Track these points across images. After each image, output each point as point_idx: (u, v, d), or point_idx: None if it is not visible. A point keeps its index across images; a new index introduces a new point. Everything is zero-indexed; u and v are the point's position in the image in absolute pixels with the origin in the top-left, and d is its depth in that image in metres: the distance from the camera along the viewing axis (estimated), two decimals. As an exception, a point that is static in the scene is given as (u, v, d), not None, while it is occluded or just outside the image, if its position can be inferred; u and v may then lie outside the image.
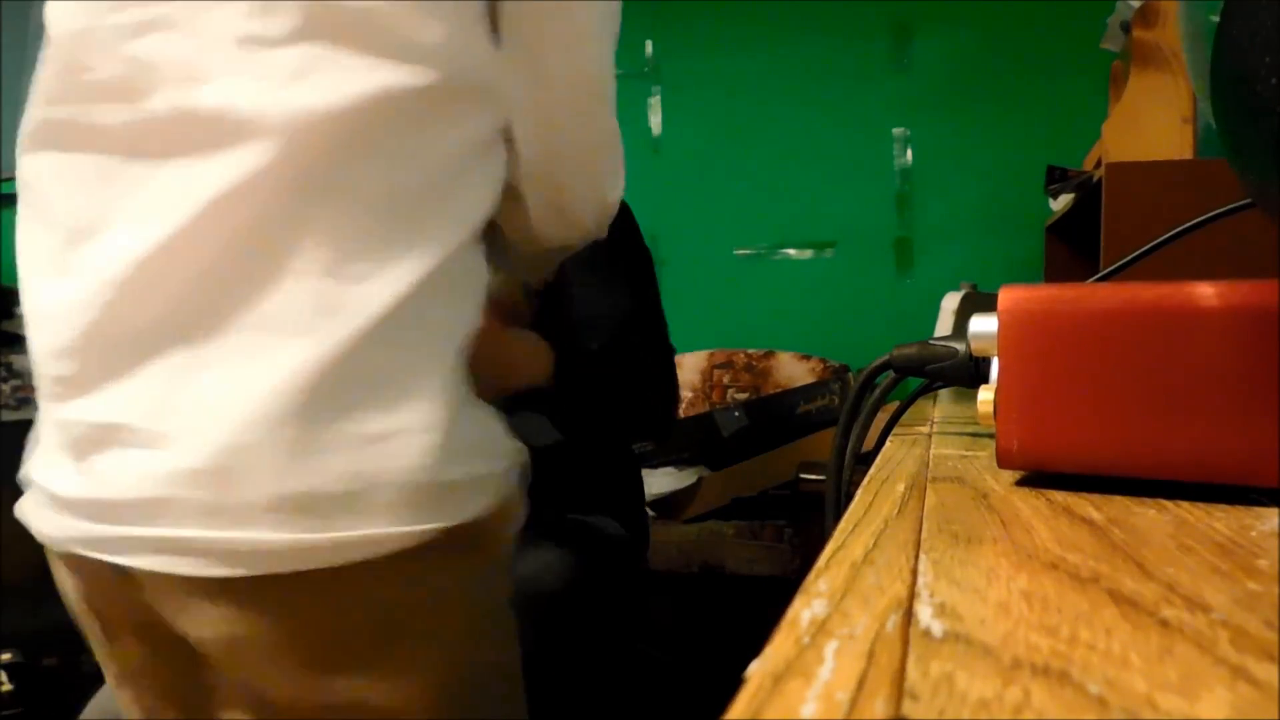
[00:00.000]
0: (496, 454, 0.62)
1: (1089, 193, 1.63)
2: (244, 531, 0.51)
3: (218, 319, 0.52)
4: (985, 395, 0.38)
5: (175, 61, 0.54)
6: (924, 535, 0.28)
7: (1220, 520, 0.29)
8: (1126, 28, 1.60)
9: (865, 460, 0.50)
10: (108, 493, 0.54)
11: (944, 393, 0.90)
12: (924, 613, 0.20)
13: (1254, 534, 0.27)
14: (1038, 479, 0.38)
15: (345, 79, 0.53)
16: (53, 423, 0.58)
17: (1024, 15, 2.64)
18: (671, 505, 2.05)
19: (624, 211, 1.17)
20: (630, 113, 2.88)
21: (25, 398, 2.10)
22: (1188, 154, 1.53)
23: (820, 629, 0.19)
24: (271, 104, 0.52)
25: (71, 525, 0.56)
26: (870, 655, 0.18)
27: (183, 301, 0.53)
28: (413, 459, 0.54)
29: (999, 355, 0.36)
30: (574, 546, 0.99)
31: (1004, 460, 0.36)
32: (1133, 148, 1.54)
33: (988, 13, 2.67)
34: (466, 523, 0.57)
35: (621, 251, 1.11)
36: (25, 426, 0.62)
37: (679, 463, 2.11)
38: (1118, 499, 0.33)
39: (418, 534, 0.54)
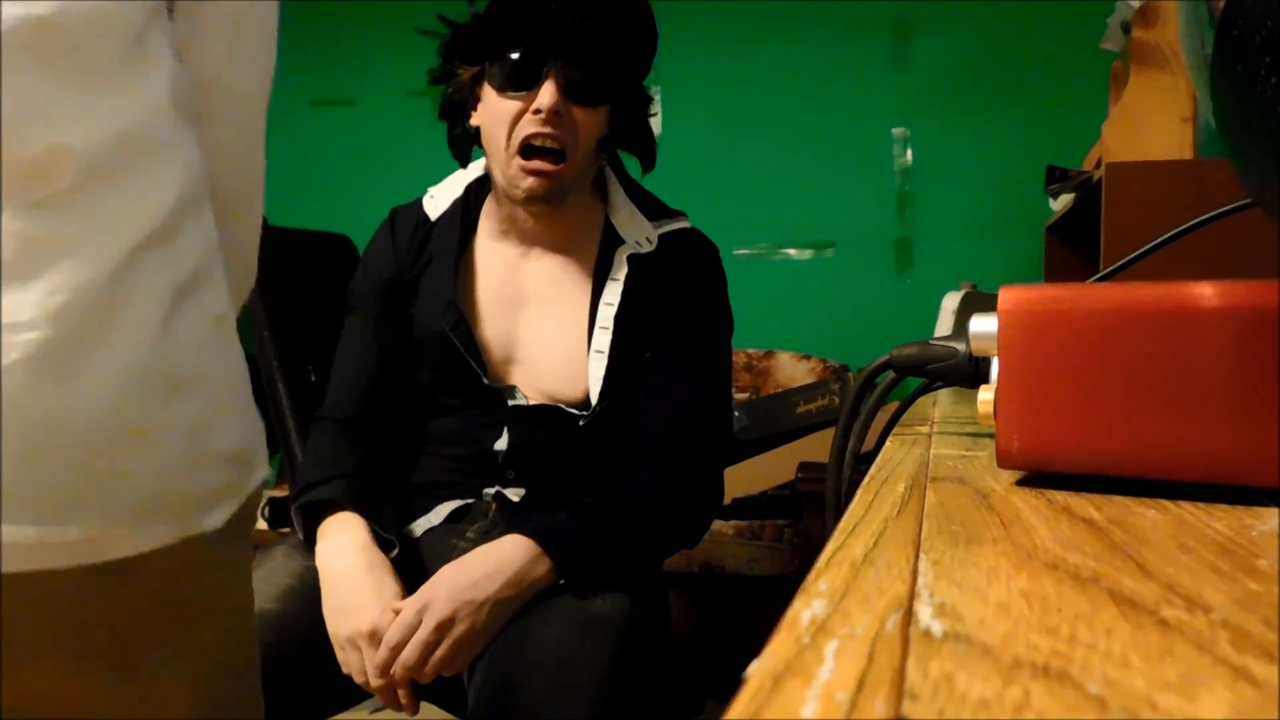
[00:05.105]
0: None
1: (1089, 193, 1.63)
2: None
3: None
4: (985, 395, 0.38)
5: None
6: (924, 535, 0.28)
7: (1220, 520, 0.29)
8: (1126, 28, 1.60)
9: (865, 460, 0.50)
10: None
11: (944, 393, 0.90)
12: (924, 613, 0.20)
13: (1254, 534, 0.27)
14: (1038, 479, 0.38)
15: None
16: None
17: (1024, 15, 2.64)
18: (671, 505, 2.05)
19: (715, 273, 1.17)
20: (630, 113, 2.88)
21: None
22: (1188, 154, 1.53)
23: (820, 629, 0.19)
24: None
25: None
26: (870, 655, 0.18)
27: None
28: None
29: (999, 355, 0.36)
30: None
31: (1004, 460, 0.36)
32: (1133, 148, 1.54)
33: (988, 12, 2.67)
34: None
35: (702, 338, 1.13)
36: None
37: (679, 463, 2.11)
38: (1118, 499, 0.33)
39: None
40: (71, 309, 0.49)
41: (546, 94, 1.00)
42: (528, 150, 1.02)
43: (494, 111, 1.04)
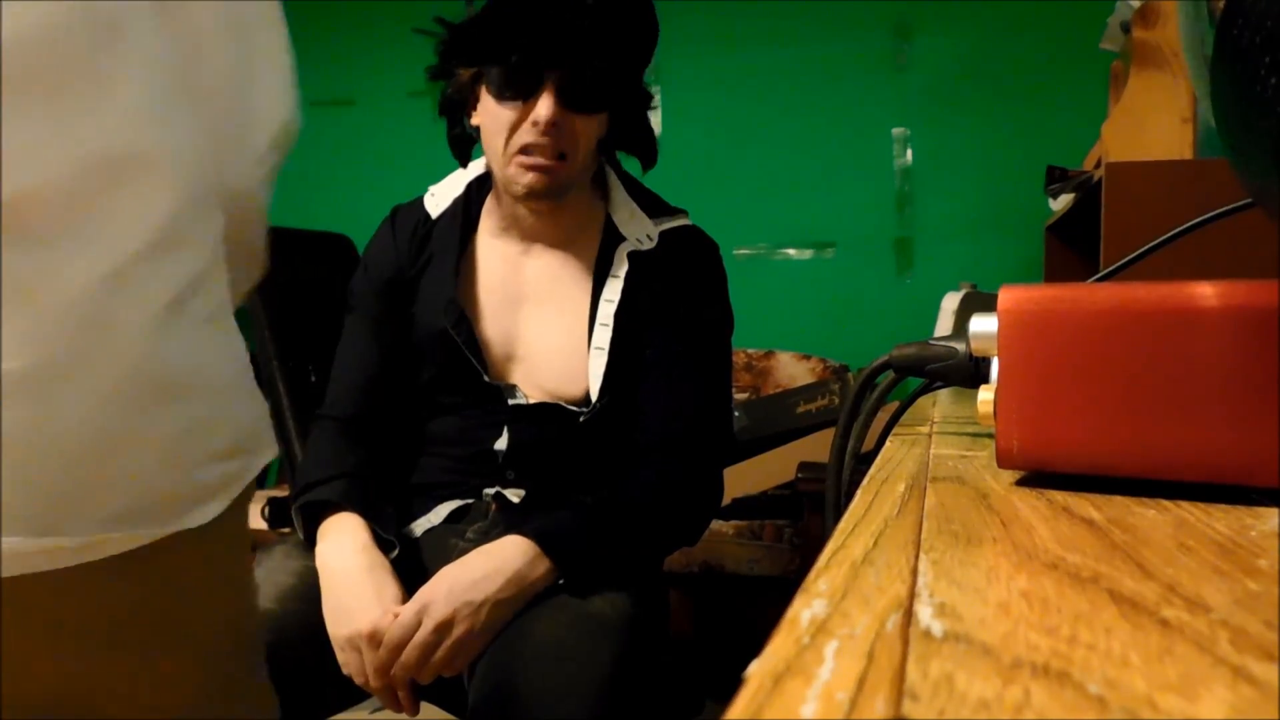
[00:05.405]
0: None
1: (1089, 193, 1.63)
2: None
3: None
4: (985, 395, 0.38)
5: None
6: (924, 535, 0.28)
7: (1220, 520, 0.29)
8: (1126, 28, 1.61)
9: (865, 460, 0.50)
10: None
11: (944, 393, 0.90)
12: (924, 613, 0.20)
13: (1254, 534, 0.27)
14: (1038, 479, 0.38)
15: None
16: None
17: (1024, 15, 2.64)
18: (671, 505, 2.05)
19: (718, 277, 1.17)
20: (630, 113, 2.88)
21: None
22: (1188, 154, 1.53)
23: (820, 629, 0.19)
24: None
25: None
26: (870, 655, 0.18)
27: None
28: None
29: (999, 355, 0.36)
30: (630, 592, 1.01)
31: (1004, 460, 0.36)
32: (1133, 148, 1.54)
33: (988, 12, 2.67)
34: None
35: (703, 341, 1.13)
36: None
37: (679, 463, 2.11)
38: (1118, 499, 0.33)
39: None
40: (54, 334, 0.49)
41: (544, 106, 0.99)
42: (527, 150, 1.02)
43: (492, 117, 1.04)
